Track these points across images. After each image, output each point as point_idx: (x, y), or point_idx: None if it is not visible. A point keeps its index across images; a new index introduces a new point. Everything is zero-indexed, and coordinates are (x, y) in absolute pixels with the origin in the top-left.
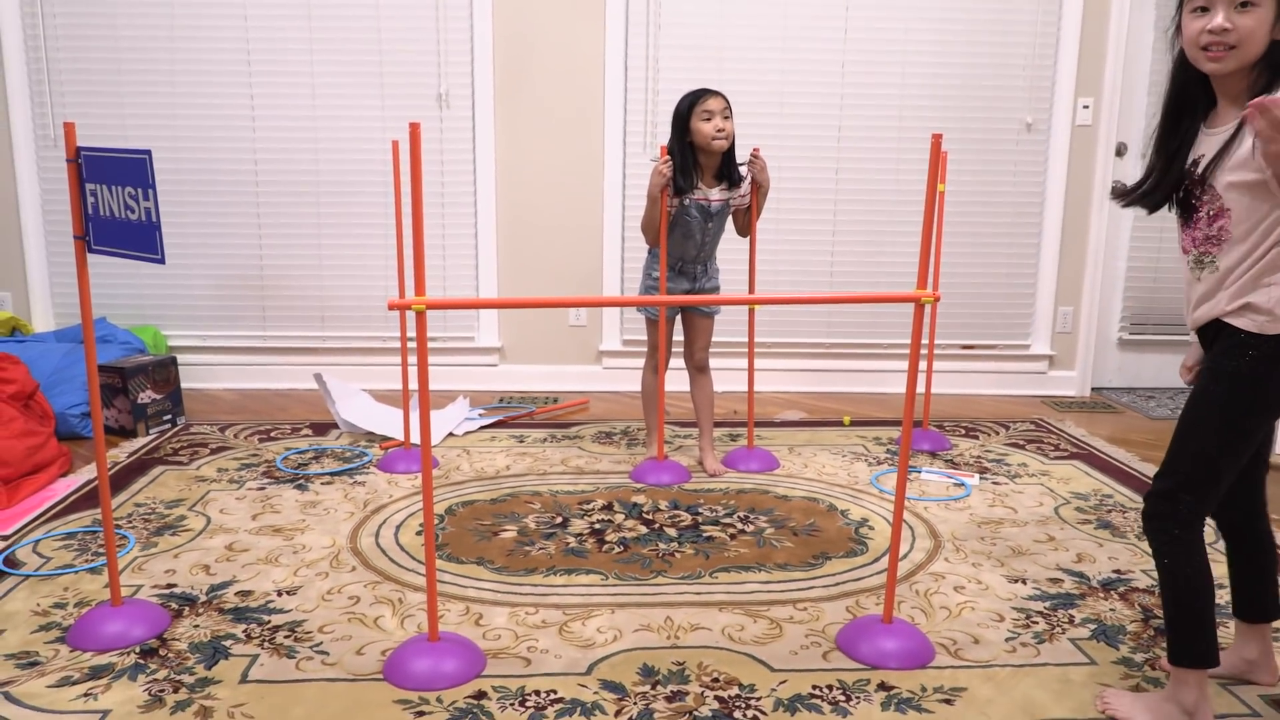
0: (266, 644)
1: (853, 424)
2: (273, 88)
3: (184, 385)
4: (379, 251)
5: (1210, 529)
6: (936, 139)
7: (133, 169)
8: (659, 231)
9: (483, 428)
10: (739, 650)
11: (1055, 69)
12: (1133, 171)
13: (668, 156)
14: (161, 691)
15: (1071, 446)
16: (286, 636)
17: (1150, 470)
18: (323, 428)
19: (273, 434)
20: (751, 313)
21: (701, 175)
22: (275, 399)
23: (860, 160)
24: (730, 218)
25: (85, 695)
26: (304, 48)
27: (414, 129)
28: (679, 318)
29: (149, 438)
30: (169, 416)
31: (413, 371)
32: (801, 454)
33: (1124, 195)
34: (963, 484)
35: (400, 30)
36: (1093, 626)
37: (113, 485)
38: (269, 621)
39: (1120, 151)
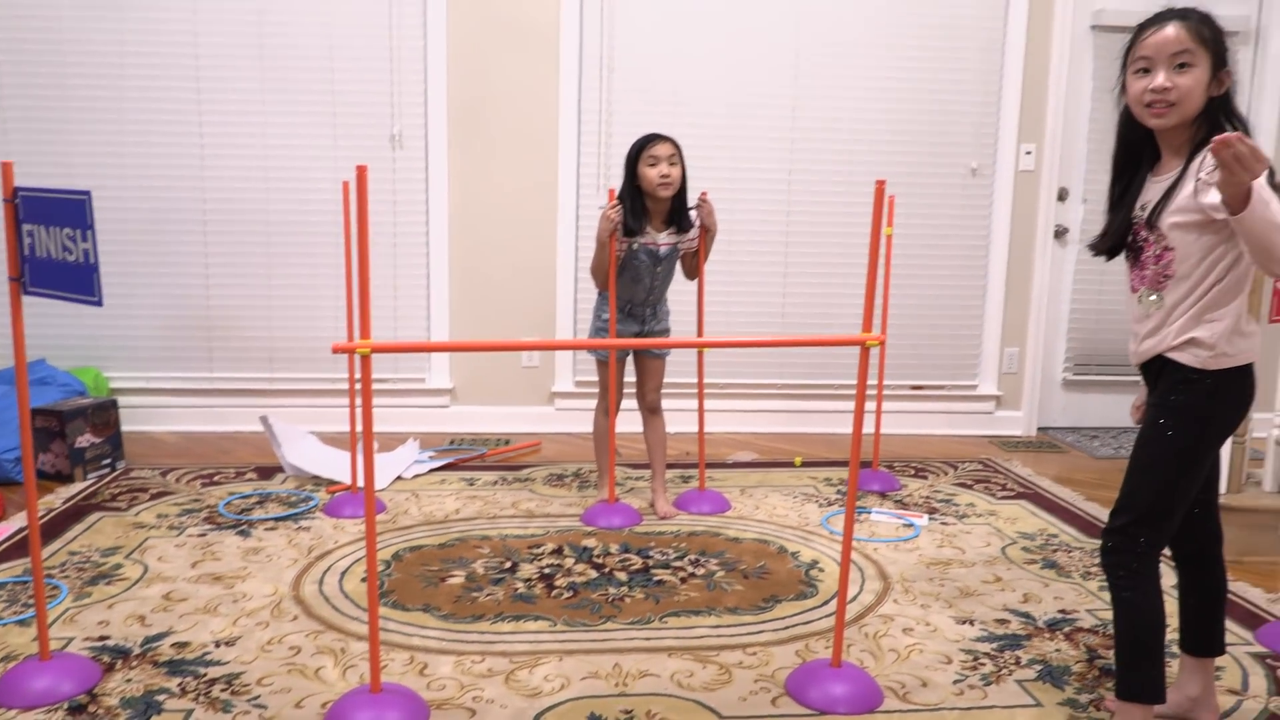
0: (202, 698)
1: (804, 465)
2: (223, 127)
3: (125, 428)
4: (330, 293)
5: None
6: (880, 184)
7: (71, 210)
8: (608, 275)
9: (432, 470)
10: (687, 697)
11: (999, 116)
12: (1075, 215)
13: (616, 201)
14: None
15: (1018, 486)
16: (223, 690)
17: (1094, 509)
18: (268, 471)
19: (216, 478)
20: (700, 354)
21: (650, 219)
22: (220, 442)
23: (811, 203)
24: (679, 261)
25: None
26: (256, 86)
27: (361, 171)
28: (630, 359)
29: (87, 483)
30: (108, 461)
31: (341, 412)
32: (753, 495)
33: (1091, 246)
34: (912, 524)
35: (354, 70)
36: (1039, 668)
37: (47, 533)
38: (205, 674)
39: (1062, 196)
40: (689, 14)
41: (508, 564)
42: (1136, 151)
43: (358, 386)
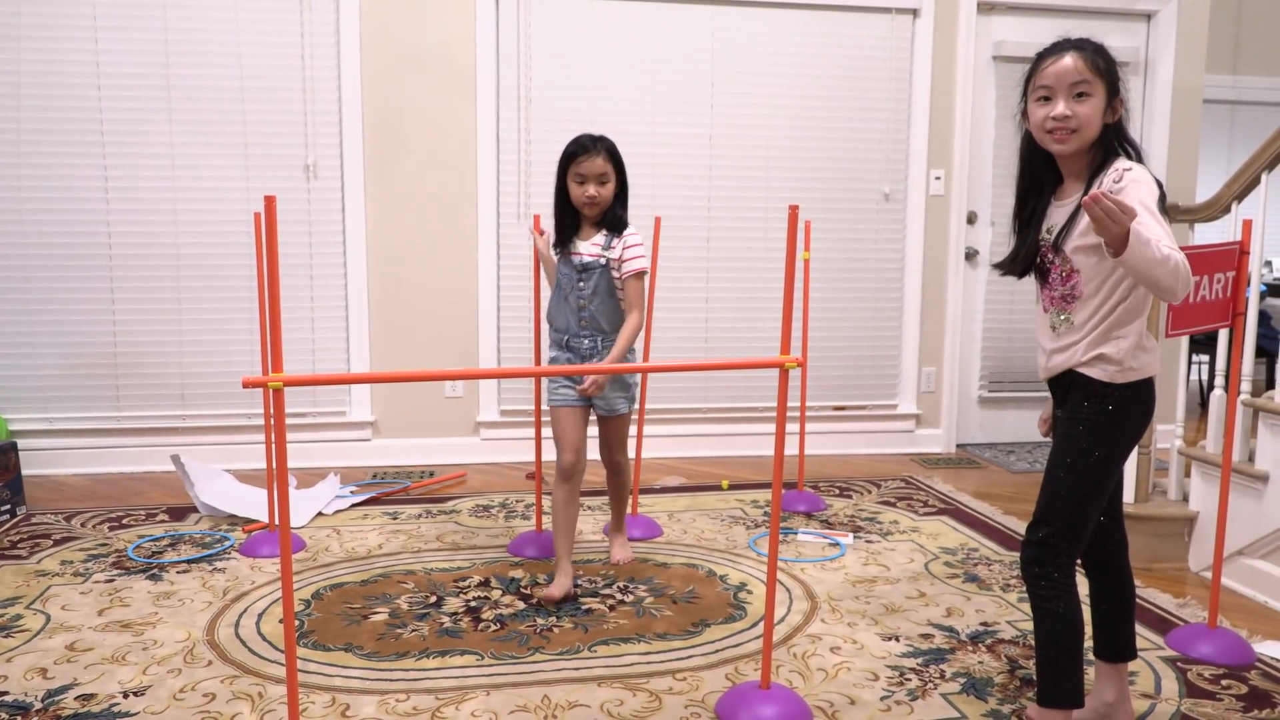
0: None
1: (731, 488)
2: (129, 158)
3: (27, 472)
4: (243, 326)
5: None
6: (793, 210)
7: None
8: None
9: (354, 505)
10: None
11: (909, 143)
12: (984, 238)
13: (541, 230)
14: None
15: (939, 502)
16: None
17: (1012, 523)
18: (180, 512)
19: (125, 520)
20: (645, 378)
21: (580, 228)
22: (130, 483)
23: (731, 230)
24: (620, 287)
25: None
26: (163, 117)
27: (269, 202)
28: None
29: None
30: (8, 507)
31: (257, 448)
32: (681, 520)
33: (999, 266)
34: (837, 544)
35: (266, 100)
36: (963, 680)
37: None
38: None
39: (971, 219)
40: (606, 45)
41: (433, 598)
42: (1039, 175)
43: (254, 420)
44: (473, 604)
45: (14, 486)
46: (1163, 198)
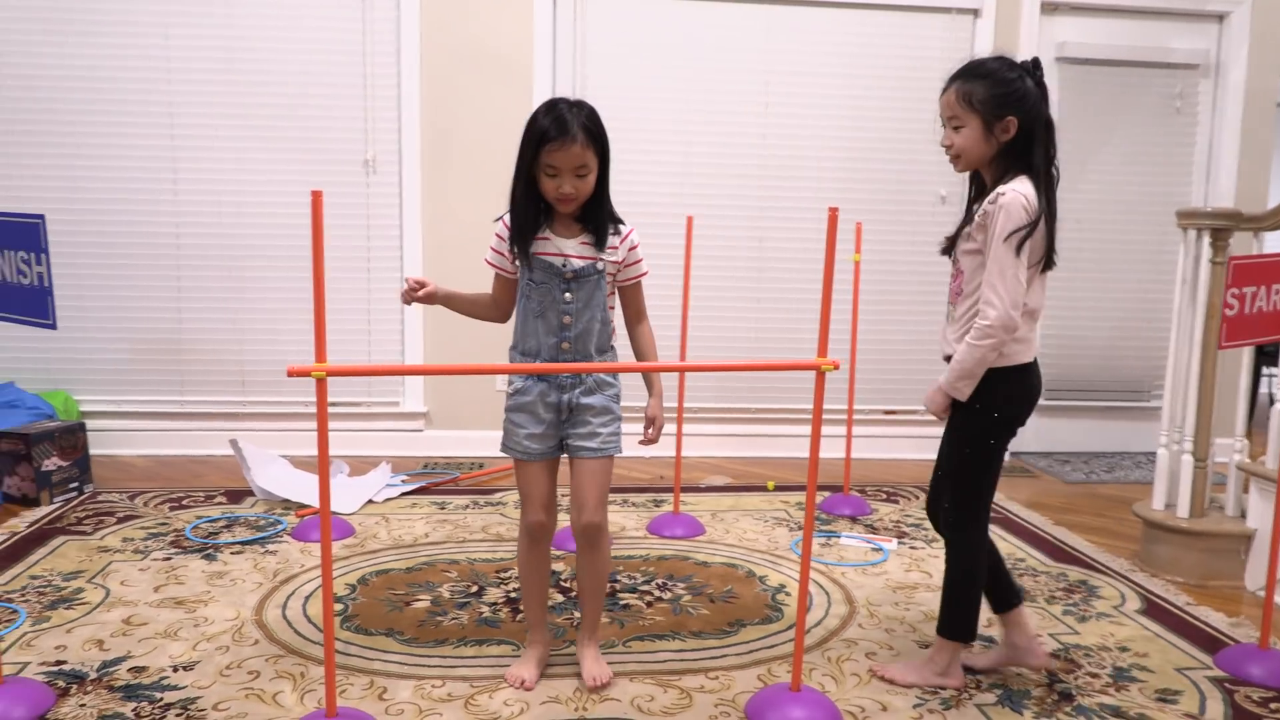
0: None
1: (777, 489)
2: (197, 151)
3: (95, 452)
4: (300, 317)
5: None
6: (833, 212)
7: (26, 233)
8: (492, 314)
9: (404, 494)
10: None
11: None
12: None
13: (416, 284)
14: None
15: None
16: (178, 715)
17: (1062, 534)
18: (238, 495)
19: (184, 502)
20: (682, 377)
21: (553, 222)
22: (191, 466)
23: (783, 230)
24: (618, 296)
25: None
26: (230, 112)
27: (316, 196)
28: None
29: (53, 506)
30: (76, 484)
31: (313, 436)
32: (724, 519)
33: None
34: (881, 549)
35: (328, 97)
36: (999, 692)
37: (9, 557)
38: (161, 699)
39: None
40: (661, 44)
41: (474, 588)
42: (976, 180)
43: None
44: (512, 595)
45: (82, 465)
46: (1034, 223)
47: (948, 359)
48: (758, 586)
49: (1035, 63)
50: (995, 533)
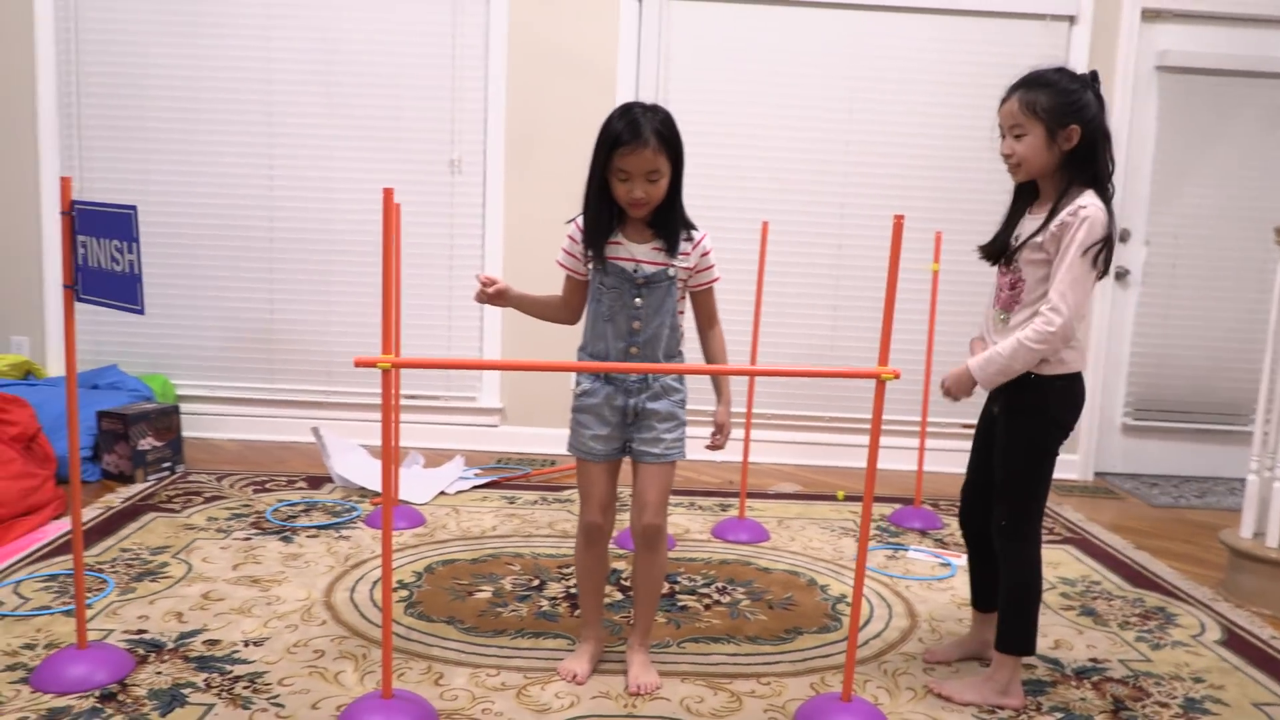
0: (224, 694)
1: (847, 499)
2: (291, 149)
3: (189, 434)
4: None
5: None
6: (898, 220)
7: (119, 223)
8: (561, 316)
9: (476, 487)
10: None
11: None
12: (1137, 257)
13: (491, 280)
14: None
15: (1066, 531)
16: (245, 687)
17: (1144, 558)
18: (318, 481)
19: (268, 485)
20: (751, 381)
21: (625, 227)
22: (276, 451)
23: (863, 237)
24: (689, 301)
25: None
26: (324, 112)
27: (387, 194)
28: (627, 460)
29: (147, 484)
30: (168, 464)
31: (400, 428)
32: (790, 527)
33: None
34: (949, 564)
35: (416, 98)
36: (1059, 715)
37: (103, 530)
38: (231, 671)
39: (1124, 237)
40: (744, 50)
41: (536, 581)
42: (1025, 186)
43: (403, 402)
44: (572, 590)
45: (175, 446)
46: (1109, 238)
47: None
48: (818, 595)
49: (1094, 75)
50: (1070, 553)
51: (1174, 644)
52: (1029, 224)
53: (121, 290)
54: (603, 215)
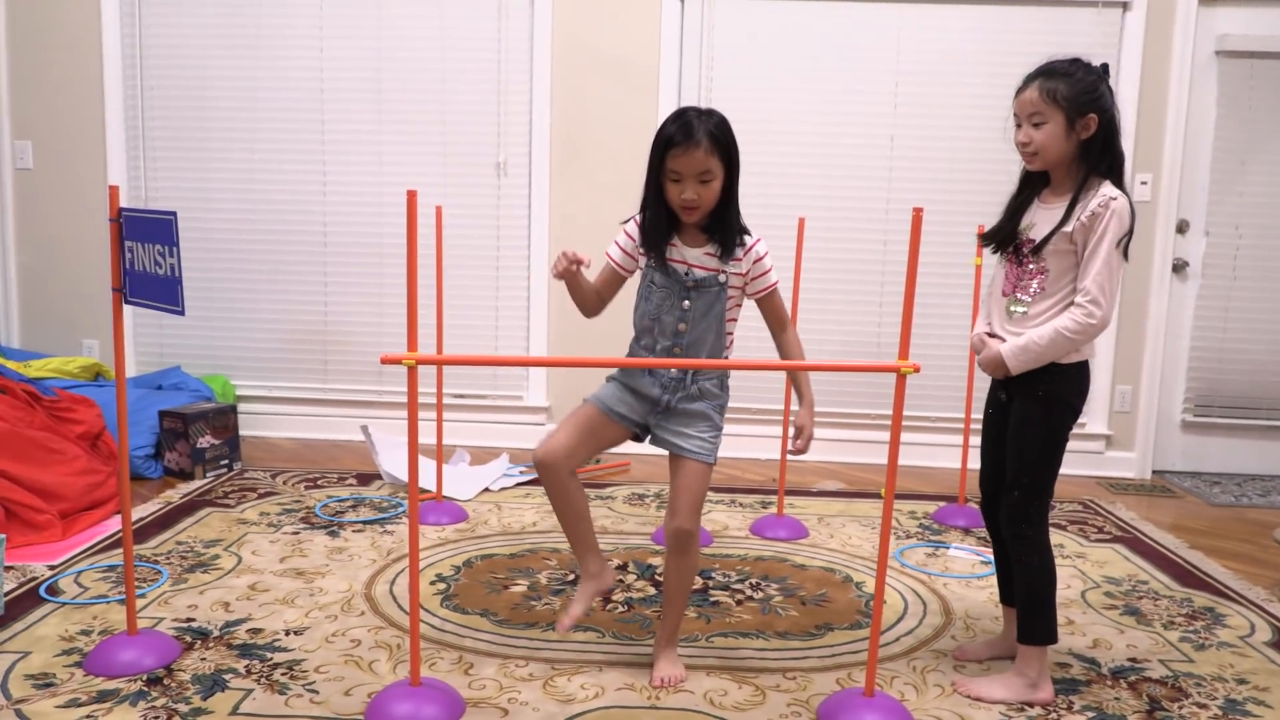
0: (263, 680)
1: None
2: (344, 155)
3: (248, 433)
4: (433, 312)
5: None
6: (917, 213)
7: (161, 228)
8: (592, 306)
9: (519, 484)
10: (716, 715)
11: None
12: (1196, 248)
13: (575, 261)
14: (157, 718)
15: (1116, 529)
16: (284, 674)
17: (1196, 558)
18: (367, 478)
19: (319, 482)
20: (788, 380)
21: (680, 231)
22: (330, 449)
23: (908, 233)
24: (759, 309)
25: (87, 718)
26: (374, 120)
27: (410, 196)
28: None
29: (205, 480)
30: (226, 461)
31: (449, 427)
32: (830, 524)
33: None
34: (989, 561)
35: (464, 103)
36: (1092, 715)
37: (160, 524)
38: (271, 659)
39: (1182, 228)
40: (787, 47)
41: (571, 576)
42: (1033, 179)
43: (452, 400)
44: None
45: (232, 444)
46: (1130, 231)
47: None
48: (853, 592)
49: (1105, 68)
50: (1118, 552)
51: (1220, 645)
52: (1043, 214)
53: (164, 292)
54: (659, 218)
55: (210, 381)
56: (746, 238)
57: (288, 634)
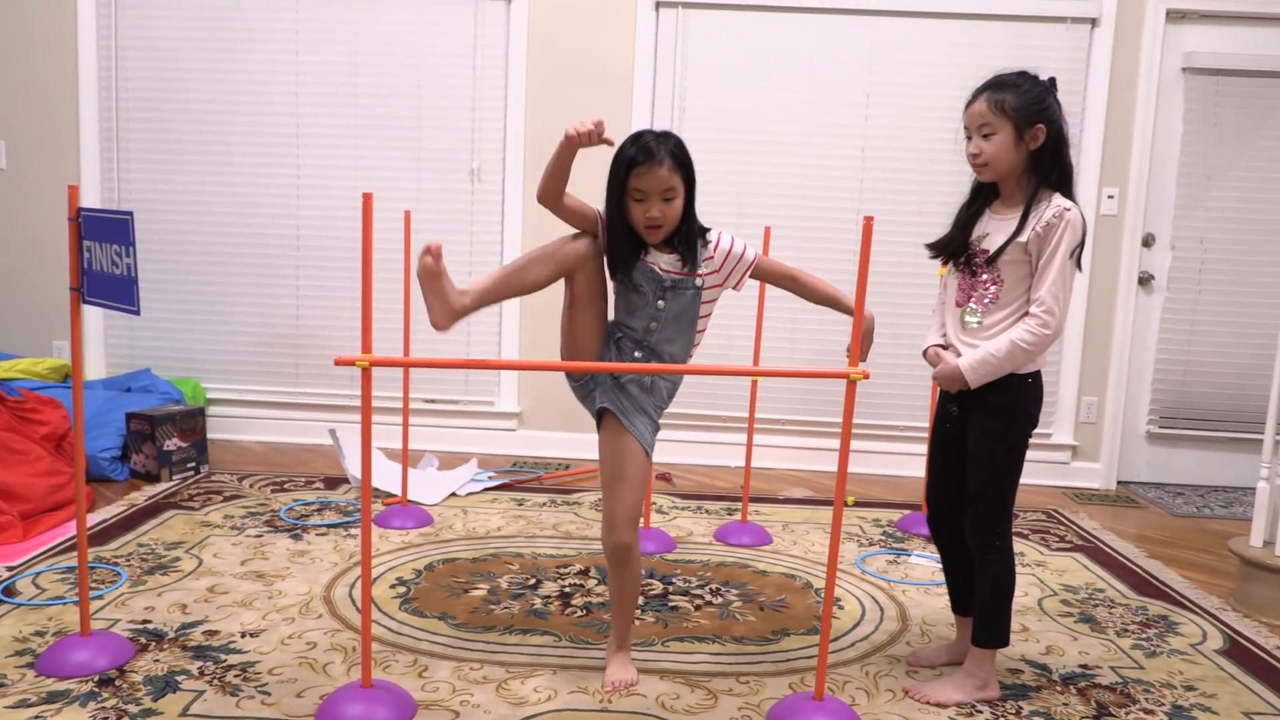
0: (215, 681)
1: (856, 505)
2: (318, 160)
3: (218, 436)
4: (400, 315)
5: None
6: (868, 221)
7: (118, 228)
8: (554, 193)
9: (487, 489)
10: (666, 719)
11: (1080, 159)
12: (1161, 262)
13: (596, 125)
14: (106, 718)
15: (1078, 539)
16: (237, 676)
17: (1155, 567)
18: (335, 482)
19: (286, 485)
20: (754, 384)
21: (645, 246)
22: (299, 453)
23: (881, 244)
24: (762, 284)
25: (36, 718)
26: (349, 125)
27: (366, 199)
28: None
29: (171, 483)
30: (193, 464)
31: (420, 432)
32: (795, 531)
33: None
34: None
35: (438, 109)
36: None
37: (123, 526)
38: (225, 660)
39: (1148, 242)
40: (761, 58)
41: (532, 581)
42: (983, 189)
43: (423, 405)
44: (567, 590)
45: (199, 447)
46: (1082, 242)
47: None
48: (812, 598)
49: (1053, 81)
50: (1077, 560)
51: (1171, 652)
52: (996, 225)
53: (121, 292)
54: (621, 238)
55: (180, 384)
56: (708, 235)
57: (244, 636)
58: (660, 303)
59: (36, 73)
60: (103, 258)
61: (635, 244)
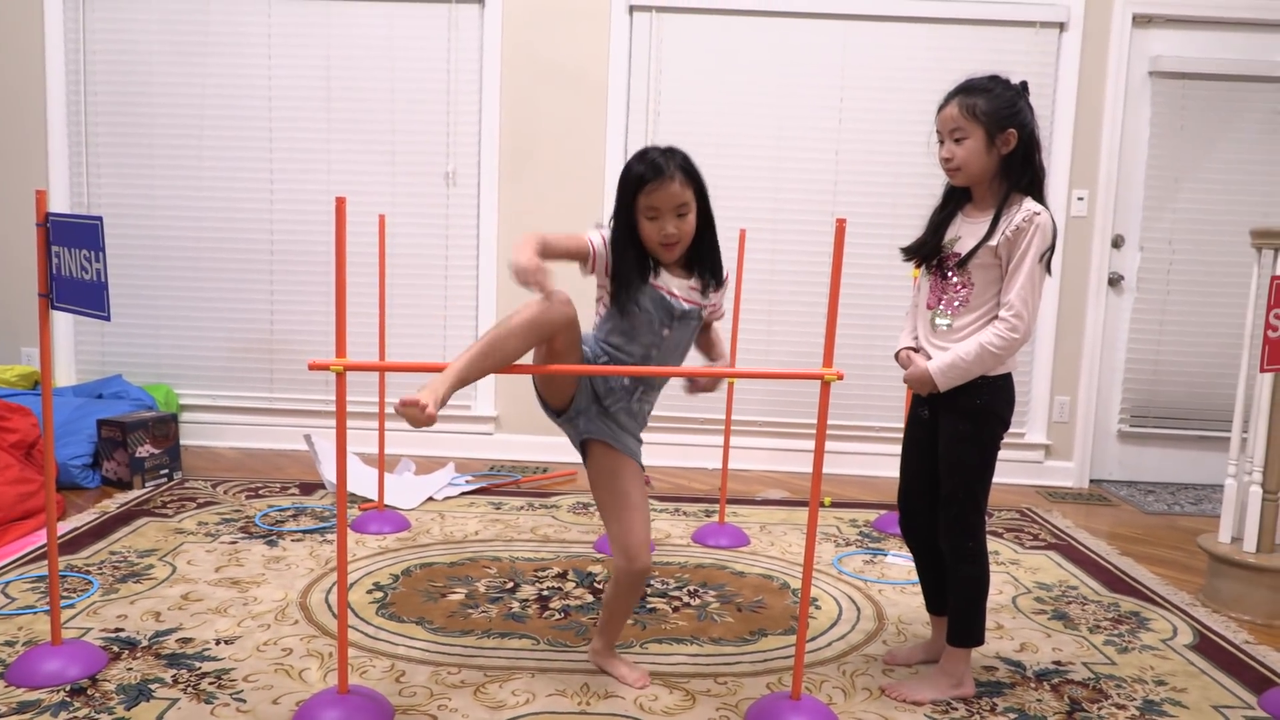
0: (190, 689)
1: (833, 505)
2: (291, 164)
3: (191, 442)
4: (375, 320)
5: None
6: (840, 224)
7: (87, 233)
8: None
9: (464, 494)
10: None
11: (1049, 161)
12: (1131, 262)
13: (539, 266)
14: None
15: (1051, 537)
16: (211, 683)
17: (1127, 564)
18: (310, 488)
19: (261, 491)
20: (731, 386)
21: (663, 265)
22: (275, 459)
23: (853, 246)
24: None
25: None
26: (323, 127)
27: (339, 203)
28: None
29: (144, 490)
30: (166, 471)
31: (396, 436)
32: (772, 532)
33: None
34: None
35: (413, 113)
36: (1014, 716)
37: (95, 534)
38: (199, 668)
39: (1117, 243)
40: (735, 61)
41: (510, 584)
42: (956, 192)
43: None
44: (544, 593)
45: (172, 453)
46: (1052, 246)
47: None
48: (789, 599)
49: (1024, 85)
50: (1051, 559)
51: (1142, 648)
52: (967, 228)
53: (90, 298)
54: (631, 262)
55: (153, 390)
56: (723, 275)
57: (218, 643)
58: (665, 331)
59: (2, 75)
60: (72, 263)
61: (644, 267)
